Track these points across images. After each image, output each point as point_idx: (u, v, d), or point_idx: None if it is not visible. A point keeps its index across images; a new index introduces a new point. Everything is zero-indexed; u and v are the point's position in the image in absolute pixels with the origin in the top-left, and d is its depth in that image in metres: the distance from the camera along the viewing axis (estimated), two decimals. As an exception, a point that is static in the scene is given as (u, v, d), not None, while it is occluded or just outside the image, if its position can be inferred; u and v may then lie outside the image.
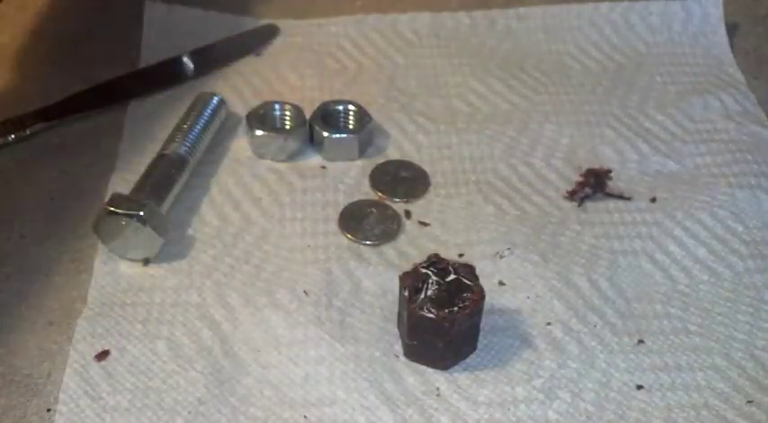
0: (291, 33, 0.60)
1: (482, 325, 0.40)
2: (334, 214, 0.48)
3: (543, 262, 0.45)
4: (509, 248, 0.45)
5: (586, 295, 0.43)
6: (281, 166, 0.50)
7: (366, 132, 0.51)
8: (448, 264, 0.39)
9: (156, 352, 0.40)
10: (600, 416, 0.38)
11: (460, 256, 0.45)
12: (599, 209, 0.48)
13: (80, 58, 0.58)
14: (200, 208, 0.48)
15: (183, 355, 0.40)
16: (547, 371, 0.40)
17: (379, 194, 0.49)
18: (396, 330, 0.42)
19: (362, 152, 0.51)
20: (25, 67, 0.57)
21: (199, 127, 0.50)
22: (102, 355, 0.40)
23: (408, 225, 0.47)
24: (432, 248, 0.45)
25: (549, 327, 0.42)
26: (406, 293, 0.38)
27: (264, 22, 0.61)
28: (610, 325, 0.42)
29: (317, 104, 0.52)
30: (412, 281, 0.39)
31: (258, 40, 0.59)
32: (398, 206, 0.48)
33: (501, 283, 0.44)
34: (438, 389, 0.39)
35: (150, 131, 0.52)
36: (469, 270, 0.39)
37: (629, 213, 0.48)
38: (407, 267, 0.41)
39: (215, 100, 0.52)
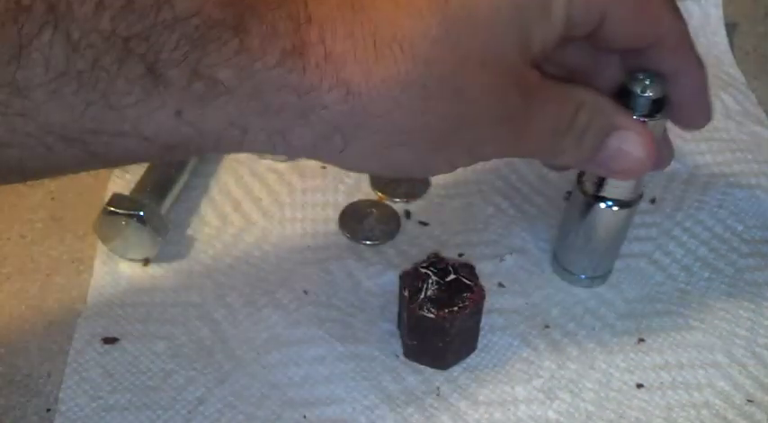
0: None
1: (482, 325, 0.40)
2: (334, 214, 0.48)
3: (543, 262, 0.45)
4: (510, 253, 0.45)
5: (586, 295, 0.43)
6: (281, 166, 0.50)
7: (366, 132, 0.51)
8: (448, 264, 0.39)
9: (155, 352, 0.40)
10: (600, 415, 0.38)
11: (460, 255, 0.45)
12: (599, 208, 0.48)
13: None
14: (200, 208, 0.48)
15: (183, 355, 0.40)
16: (547, 370, 0.40)
17: (379, 194, 0.49)
18: (396, 330, 0.42)
19: (362, 152, 0.51)
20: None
21: (199, 127, 0.50)
22: (110, 340, 0.40)
23: (408, 225, 0.47)
24: (431, 248, 0.45)
25: (548, 328, 0.42)
26: (406, 293, 0.38)
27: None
28: (609, 324, 0.42)
29: (316, 104, 0.52)
30: (412, 281, 0.39)
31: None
32: (398, 206, 0.48)
33: (500, 285, 0.44)
34: (438, 388, 0.39)
35: (150, 132, 0.52)
36: (469, 270, 0.39)
37: (629, 213, 0.48)
38: (407, 267, 0.41)
39: (215, 100, 0.52)
